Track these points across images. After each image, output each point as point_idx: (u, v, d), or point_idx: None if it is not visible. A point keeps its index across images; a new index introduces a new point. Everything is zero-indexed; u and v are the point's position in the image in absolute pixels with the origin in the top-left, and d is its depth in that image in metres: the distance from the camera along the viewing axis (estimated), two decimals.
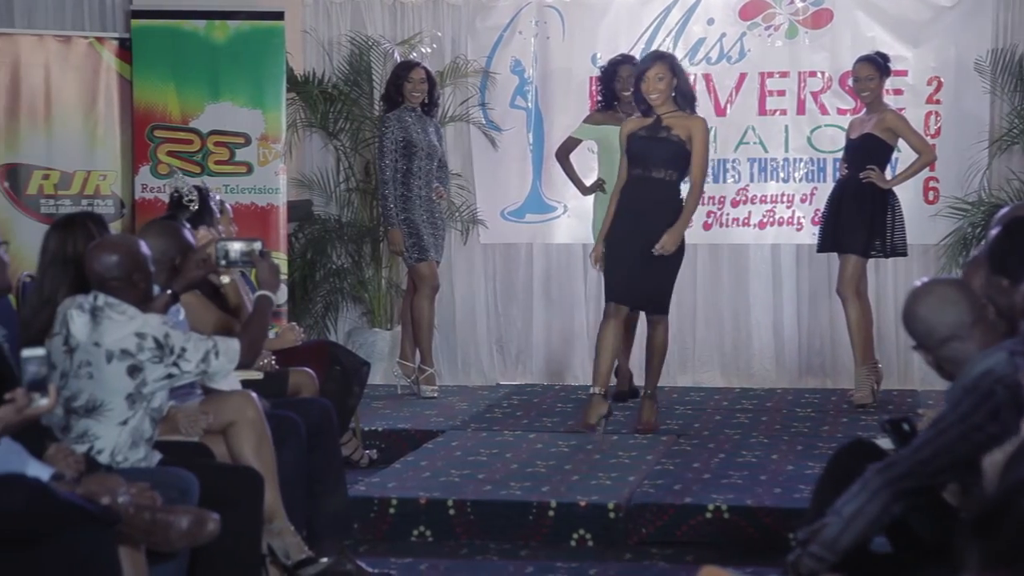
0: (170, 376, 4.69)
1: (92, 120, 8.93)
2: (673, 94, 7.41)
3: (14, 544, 3.77)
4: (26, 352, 4.09)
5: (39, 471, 3.97)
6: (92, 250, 4.75)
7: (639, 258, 7.35)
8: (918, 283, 3.84)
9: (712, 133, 9.41)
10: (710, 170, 9.41)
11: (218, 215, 6.77)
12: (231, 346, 4.80)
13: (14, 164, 8.79)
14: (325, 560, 5.15)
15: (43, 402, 4.01)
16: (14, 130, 8.78)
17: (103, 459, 4.57)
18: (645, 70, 7.39)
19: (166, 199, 8.34)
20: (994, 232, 3.88)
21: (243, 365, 4.88)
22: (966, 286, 3.78)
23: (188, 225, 5.57)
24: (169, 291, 5.08)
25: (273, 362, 6.36)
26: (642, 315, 7.83)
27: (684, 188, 7.59)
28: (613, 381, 8.19)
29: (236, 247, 5.20)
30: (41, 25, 9.18)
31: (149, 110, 8.82)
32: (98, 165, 8.96)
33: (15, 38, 8.89)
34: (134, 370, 4.64)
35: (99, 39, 9.04)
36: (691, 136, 7.38)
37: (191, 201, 7.12)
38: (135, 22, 8.90)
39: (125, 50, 8.92)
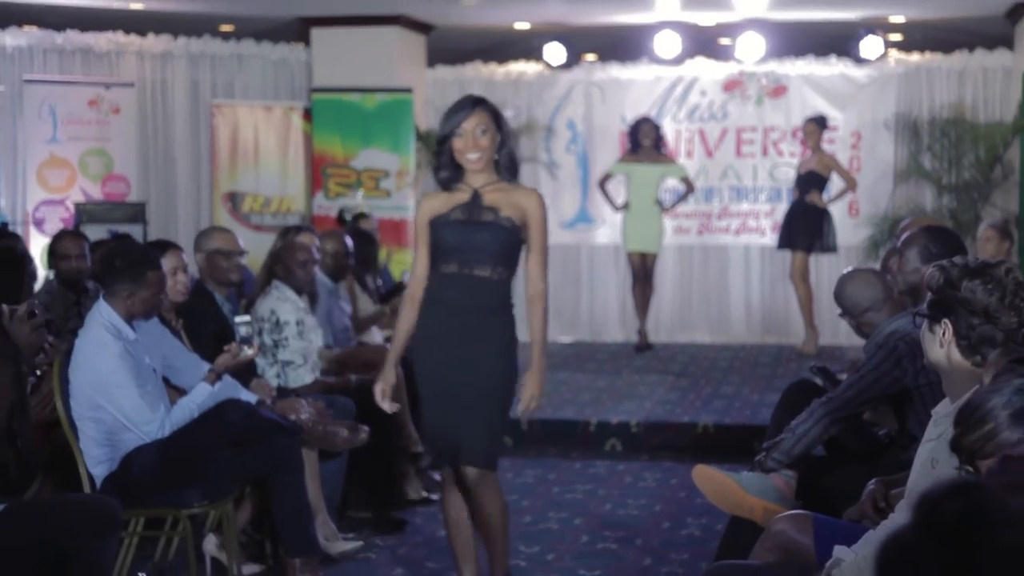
0: (276, 346, 4.51)
1: (285, 162, 9.02)
2: (496, 157, 3.53)
3: (233, 447, 3.80)
4: (237, 318, 4.13)
5: (249, 397, 4.00)
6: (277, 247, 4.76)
7: (461, 392, 3.55)
8: (846, 271, 3.80)
9: (703, 170, 9.37)
10: (702, 194, 9.34)
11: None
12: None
13: (234, 191, 8.92)
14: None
15: (249, 351, 4.04)
16: (234, 168, 8.91)
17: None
18: (460, 122, 3.47)
19: (334, 215, 8.36)
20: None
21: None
22: (879, 273, 3.74)
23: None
24: None
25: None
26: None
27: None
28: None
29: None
30: (253, 98, 9.27)
31: (322, 155, 8.85)
32: (288, 192, 9.02)
33: (236, 107, 9.01)
34: (260, 334, 4.56)
35: (290, 108, 9.10)
36: (525, 218, 3.60)
37: (344, 220, 7.17)
38: (315, 95, 8.94)
39: (307, 114, 8.98)
